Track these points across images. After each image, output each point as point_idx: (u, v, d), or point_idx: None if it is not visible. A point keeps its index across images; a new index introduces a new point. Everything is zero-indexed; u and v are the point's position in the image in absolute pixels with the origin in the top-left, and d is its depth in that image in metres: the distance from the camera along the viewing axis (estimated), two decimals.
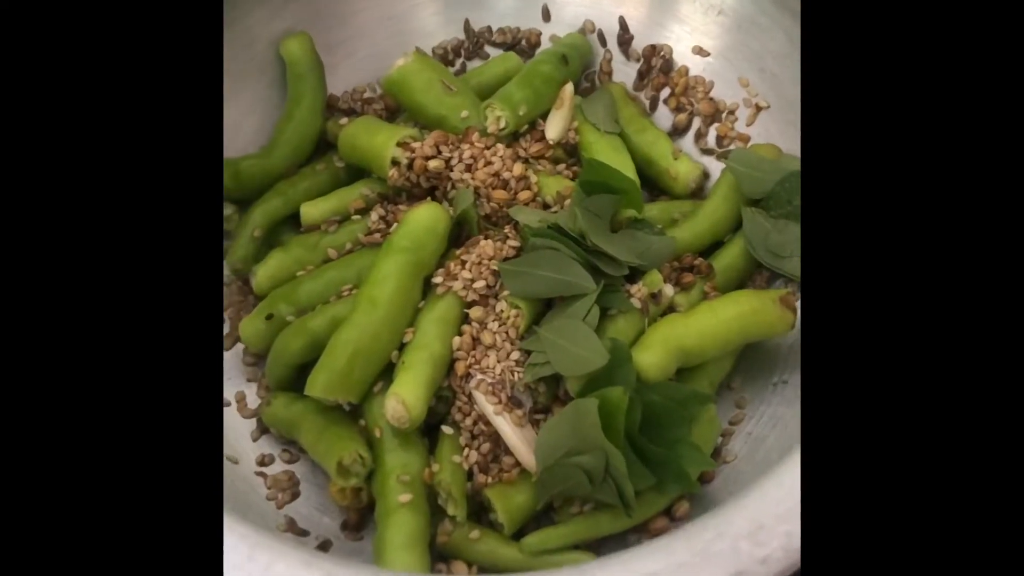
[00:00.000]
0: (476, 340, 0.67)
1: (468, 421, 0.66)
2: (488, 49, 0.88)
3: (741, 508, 0.50)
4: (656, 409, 0.64)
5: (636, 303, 0.67)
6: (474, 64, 0.87)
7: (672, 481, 0.63)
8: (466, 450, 0.66)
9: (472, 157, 0.73)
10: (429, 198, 0.75)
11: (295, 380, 0.71)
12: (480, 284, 0.67)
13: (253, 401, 0.73)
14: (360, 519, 0.68)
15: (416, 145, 0.73)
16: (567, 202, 0.73)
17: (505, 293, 0.67)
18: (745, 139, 0.81)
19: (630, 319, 0.67)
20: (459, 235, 0.73)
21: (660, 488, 0.63)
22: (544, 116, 0.79)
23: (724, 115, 0.82)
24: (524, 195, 0.73)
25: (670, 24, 0.84)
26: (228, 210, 0.77)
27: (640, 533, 0.65)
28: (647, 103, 0.84)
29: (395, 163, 0.73)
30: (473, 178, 0.72)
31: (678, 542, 0.48)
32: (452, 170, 0.73)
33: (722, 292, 0.72)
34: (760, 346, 0.72)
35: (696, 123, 0.83)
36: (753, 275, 0.75)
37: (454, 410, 0.67)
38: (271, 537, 0.54)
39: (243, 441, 0.71)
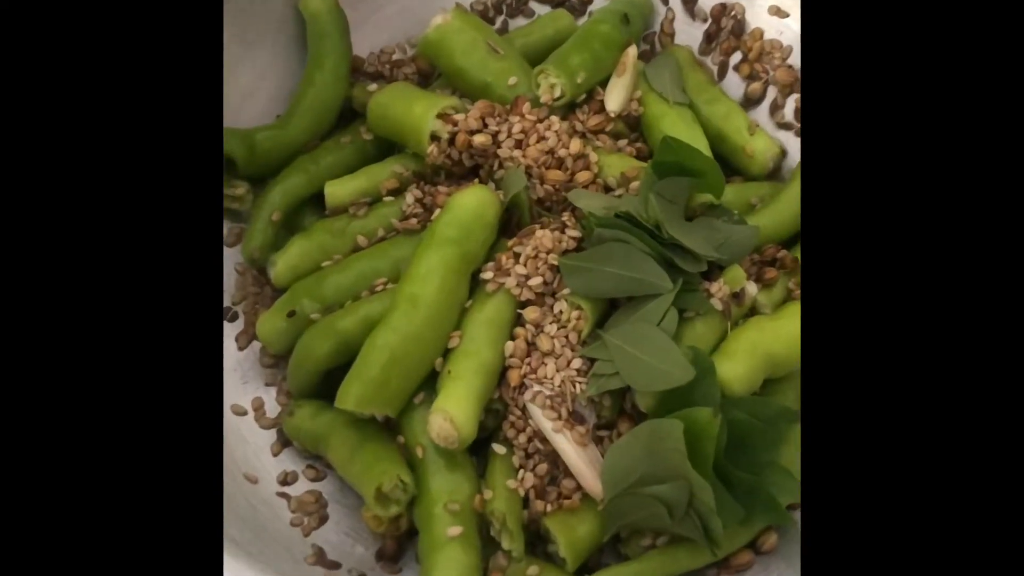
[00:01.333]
0: (531, 345, 0.59)
1: (522, 438, 0.58)
2: (533, 5, 0.78)
3: None
4: (742, 429, 0.56)
5: (717, 304, 0.59)
6: (517, 23, 0.77)
7: (760, 511, 0.56)
8: (521, 472, 0.58)
9: (523, 131, 0.64)
10: (476, 179, 0.65)
11: (321, 386, 0.62)
12: (536, 281, 0.59)
13: (273, 409, 0.65)
14: (398, 547, 0.60)
15: (459, 117, 0.63)
16: (632, 184, 0.63)
17: (565, 291, 0.58)
18: None
19: (710, 323, 0.59)
20: (508, 222, 0.64)
21: (746, 519, 0.55)
22: (603, 84, 0.69)
23: None
24: (583, 176, 0.64)
25: None
26: (241, 189, 0.68)
27: (720, 568, 0.57)
28: (715, 70, 0.75)
29: (435, 138, 0.64)
30: (524, 156, 0.63)
31: None
32: (500, 146, 0.64)
33: None
34: None
35: (771, 93, 0.73)
36: None
37: (506, 425, 0.59)
38: None
39: (263, 456, 0.63)
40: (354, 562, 0.59)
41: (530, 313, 0.58)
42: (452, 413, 0.55)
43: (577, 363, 0.57)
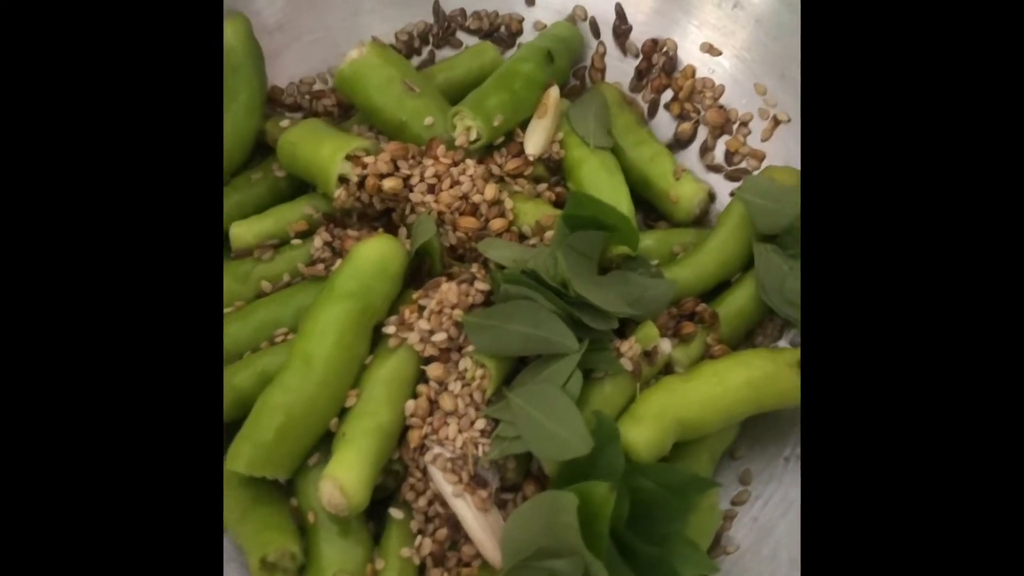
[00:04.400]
0: (434, 404, 0.56)
1: (422, 501, 0.56)
2: (461, 35, 0.75)
3: None
4: (647, 497, 0.54)
5: (627, 364, 0.56)
6: (444, 54, 0.74)
7: None
8: (418, 538, 0.55)
9: (436, 176, 0.61)
10: (384, 223, 0.63)
11: None
12: (440, 337, 0.56)
13: None
14: None
15: (369, 160, 0.61)
16: (547, 234, 0.61)
17: (470, 348, 0.56)
18: (759, 156, 0.69)
19: (619, 383, 0.57)
20: (419, 268, 0.61)
21: None
22: (523, 126, 0.66)
23: (736, 127, 0.70)
24: (497, 224, 0.61)
25: (675, 15, 0.72)
26: None
27: None
28: (645, 107, 0.72)
29: (343, 181, 0.61)
30: (436, 201, 0.61)
31: None
32: (412, 191, 0.61)
33: (728, 344, 0.61)
34: (771, 411, 0.61)
35: (702, 134, 0.71)
36: (764, 322, 0.64)
37: (405, 488, 0.57)
38: None
39: None
40: None
41: (434, 370, 0.56)
42: (342, 480, 0.52)
43: (480, 423, 0.55)
